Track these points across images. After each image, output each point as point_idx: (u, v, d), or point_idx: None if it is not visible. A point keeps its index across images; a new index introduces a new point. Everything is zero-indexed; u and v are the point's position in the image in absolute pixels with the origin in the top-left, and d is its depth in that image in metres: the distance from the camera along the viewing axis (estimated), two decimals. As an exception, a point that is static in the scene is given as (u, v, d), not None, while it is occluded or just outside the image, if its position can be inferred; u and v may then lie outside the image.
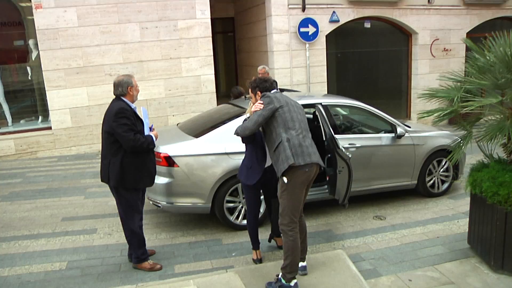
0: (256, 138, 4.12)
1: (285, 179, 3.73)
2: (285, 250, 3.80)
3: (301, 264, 4.06)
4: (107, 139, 4.15)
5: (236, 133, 4.02)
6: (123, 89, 4.19)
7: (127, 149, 4.08)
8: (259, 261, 4.50)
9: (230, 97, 7.28)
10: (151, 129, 4.33)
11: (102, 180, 4.34)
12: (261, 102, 3.87)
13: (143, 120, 4.29)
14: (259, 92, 4.02)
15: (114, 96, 4.22)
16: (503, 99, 4.12)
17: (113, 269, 4.47)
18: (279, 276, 3.84)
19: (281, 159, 3.71)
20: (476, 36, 6.58)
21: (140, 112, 4.33)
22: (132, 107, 4.22)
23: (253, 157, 4.19)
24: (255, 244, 4.53)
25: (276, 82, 4.23)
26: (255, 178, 4.18)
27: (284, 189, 3.78)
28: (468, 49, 4.72)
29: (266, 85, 4.05)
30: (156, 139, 4.32)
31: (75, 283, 4.21)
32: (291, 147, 3.72)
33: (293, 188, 3.75)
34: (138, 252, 4.41)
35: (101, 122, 4.27)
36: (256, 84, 4.07)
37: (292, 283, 3.79)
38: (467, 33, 11.78)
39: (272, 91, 4.03)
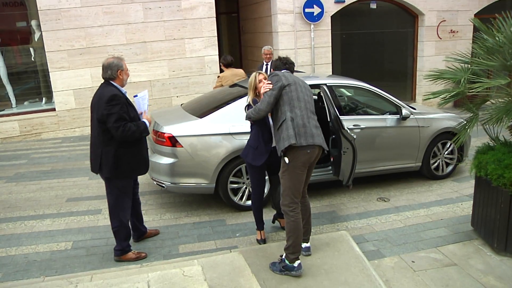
0: (264, 118, 4.09)
1: (286, 160, 3.72)
2: (287, 231, 3.81)
3: (304, 245, 4.08)
4: (99, 127, 3.92)
5: (249, 118, 3.97)
6: (113, 72, 3.95)
7: (117, 139, 3.89)
8: (263, 241, 4.53)
9: (220, 66, 7.60)
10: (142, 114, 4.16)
11: (92, 171, 4.15)
12: (270, 82, 3.84)
13: (136, 106, 4.12)
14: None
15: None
16: (511, 80, 4.07)
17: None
18: (283, 257, 3.86)
19: (283, 137, 3.70)
20: (484, 17, 6.47)
21: (132, 98, 4.15)
22: (123, 92, 4.00)
23: (259, 137, 4.17)
24: (259, 224, 4.55)
25: (293, 64, 4.22)
26: (261, 159, 4.17)
27: (285, 169, 3.77)
28: (475, 30, 4.64)
29: (277, 63, 4.09)
30: (150, 124, 4.14)
31: (80, 263, 4.25)
32: (294, 126, 3.69)
33: (294, 169, 3.74)
34: (123, 244, 4.24)
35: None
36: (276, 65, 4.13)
37: (296, 264, 3.80)
38: (475, 14, 11.57)
39: (283, 70, 4.01)
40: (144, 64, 9.59)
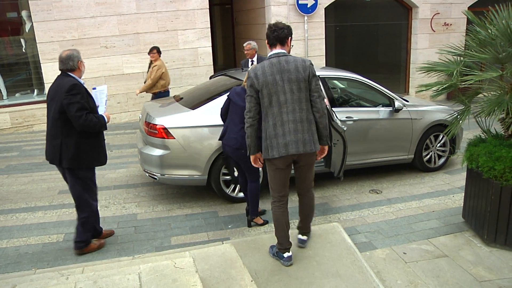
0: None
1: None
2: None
3: (300, 237, 4.09)
4: (59, 119, 3.85)
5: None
6: (74, 63, 3.94)
7: (77, 129, 3.84)
8: (266, 222, 4.75)
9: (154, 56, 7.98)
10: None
11: (51, 162, 4.05)
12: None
13: (95, 98, 4.09)
14: (266, 41, 3.68)
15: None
16: (503, 73, 4.08)
17: (110, 241, 4.49)
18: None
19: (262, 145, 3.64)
20: (478, 10, 6.47)
21: (90, 89, 4.12)
22: (82, 83, 3.95)
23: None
24: (257, 210, 4.72)
25: (278, 31, 3.63)
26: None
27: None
28: (469, 23, 4.64)
29: (270, 35, 3.63)
30: (108, 121, 4.07)
31: (72, 255, 4.23)
32: (266, 137, 3.56)
33: (269, 171, 3.74)
34: (88, 235, 4.21)
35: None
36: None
37: (285, 255, 3.82)
38: (469, 7, 11.59)
39: (270, 53, 3.64)
40: (136, 56, 9.52)
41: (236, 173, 4.99)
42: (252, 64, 7.59)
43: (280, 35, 3.60)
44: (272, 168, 3.68)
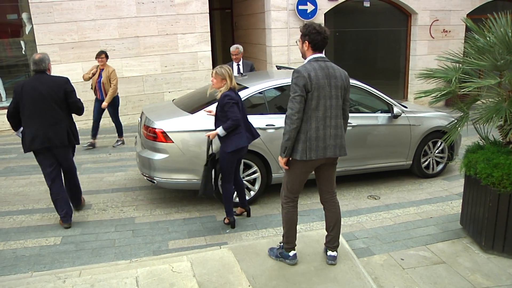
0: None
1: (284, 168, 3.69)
2: (282, 221, 3.87)
3: (329, 253, 3.92)
4: (61, 105, 4.63)
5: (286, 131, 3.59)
6: (46, 64, 4.65)
7: (79, 113, 4.86)
8: (233, 223, 4.84)
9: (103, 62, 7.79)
10: None
11: (60, 143, 4.67)
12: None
13: None
14: (306, 42, 3.57)
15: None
16: (501, 80, 4.09)
17: (107, 245, 4.49)
18: (281, 244, 3.94)
19: (295, 147, 3.56)
20: (476, 17, 6.51)
21: None
22: None
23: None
24: (232, 210, 4.81)
25: (328, 38, 3.60)
26: (245, 140, 4.47)
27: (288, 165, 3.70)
28: (468, 30, 4.66)
29: (318, 38, 3.53)
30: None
31: (69, 258, 4.23)
32: (306, 139, 3.51)
33: (295, 169, 3.69)
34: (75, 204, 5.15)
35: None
36: (307, 32, 3.57)
37: (291, 254, 3.86)
38: (468, 14, 11.64)
39: (314, 56, 3.58)
40: (136, 59, 9.54)
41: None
42: (238, 68, 7.51)
43: (327, 40, 3.61)
44: (301, 170, 3.66)
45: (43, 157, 4.75)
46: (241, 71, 7.39)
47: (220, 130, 4.41)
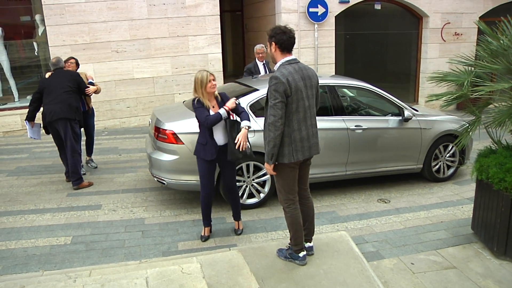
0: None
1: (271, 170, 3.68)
2: (287, 225, 3.89)
3: (307, 244, 4.06)
4: (73, 92, 5.98)
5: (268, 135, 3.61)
6: (62, 63, 6.18)
7: (84, 95, 6.40)
8: (206, 238, 4.63)
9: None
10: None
11: (65, 117, 5.84)
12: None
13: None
14: (273, 44, 3.61)
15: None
16: (514, 84, 4.05)
17: (117, 245, 4.51)
18: (290, 245, 3.94)
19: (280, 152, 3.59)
20: (489, 20, 6.43)
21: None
22: None
23: (206, 134, 4.34)
24: (206, 221, 4.64)
25: (294, 38, 3.62)
26: (213, 153, 4.31)
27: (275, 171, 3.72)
28: (480, 33, 4.61)
29: (283, 38, 3.55)
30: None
31: (79, 258, 4.26)
32: (291, 141, 3.56)
33: (285, 174, 3.71)
34: (79, 174, 6.04)
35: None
36: (273, 33, 3.62)
37: (301, 255, 3.88)
38: (480, 17, 11.54)
39: (286, 59, 3.59)
40: (147, 61, 9.59)
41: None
42: (264, 67, 7.53)
43: (294, 40, 3.66)
44: (290, 172, 3.69)
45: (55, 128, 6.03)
46: (267, 70, 7.39)
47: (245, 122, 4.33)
